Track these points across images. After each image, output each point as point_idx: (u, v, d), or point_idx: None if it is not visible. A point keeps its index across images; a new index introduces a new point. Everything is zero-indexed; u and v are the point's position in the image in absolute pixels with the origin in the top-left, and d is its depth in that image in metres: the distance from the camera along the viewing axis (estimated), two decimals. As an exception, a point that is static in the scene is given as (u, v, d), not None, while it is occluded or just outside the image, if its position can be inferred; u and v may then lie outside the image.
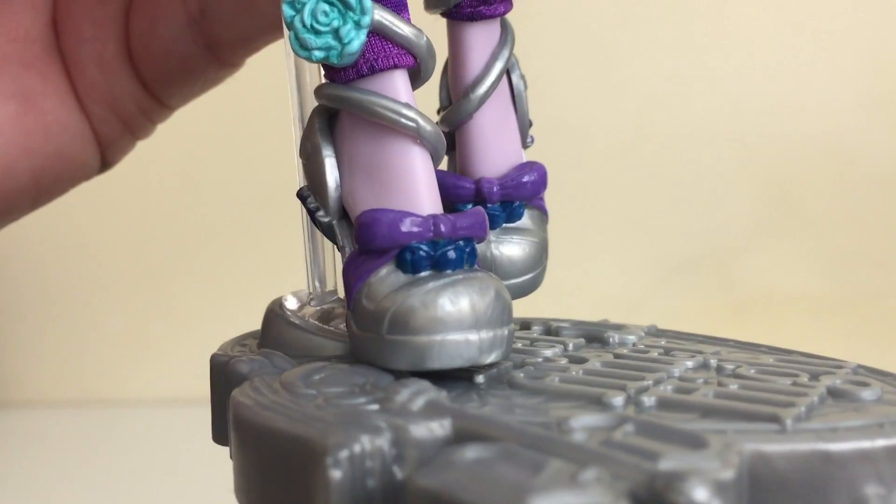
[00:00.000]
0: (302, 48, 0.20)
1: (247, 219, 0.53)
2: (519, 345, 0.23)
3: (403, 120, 0.20)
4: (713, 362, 0.21)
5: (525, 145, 0.26)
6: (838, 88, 0.54)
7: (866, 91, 0.54)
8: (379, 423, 0.17)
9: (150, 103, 0.28)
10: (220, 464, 0.22)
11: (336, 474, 0.15)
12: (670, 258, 0.55)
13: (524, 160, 0.25)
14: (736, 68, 0.54)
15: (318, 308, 0.24)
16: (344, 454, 0.15)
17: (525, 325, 0.26)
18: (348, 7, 0.20)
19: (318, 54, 0.20)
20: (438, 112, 0.25)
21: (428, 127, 0.21)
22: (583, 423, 0.16)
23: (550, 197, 0.25)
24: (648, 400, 0.18)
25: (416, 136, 0.20)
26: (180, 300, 0.55)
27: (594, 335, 0.24)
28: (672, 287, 0.55)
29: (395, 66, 0.21)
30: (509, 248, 0.24)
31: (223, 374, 0.21)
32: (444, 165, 0.26)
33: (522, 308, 0.27)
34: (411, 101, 0.21)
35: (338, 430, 0.16)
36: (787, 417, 0.17)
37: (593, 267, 0.55)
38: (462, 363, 0.19)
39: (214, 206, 0.54)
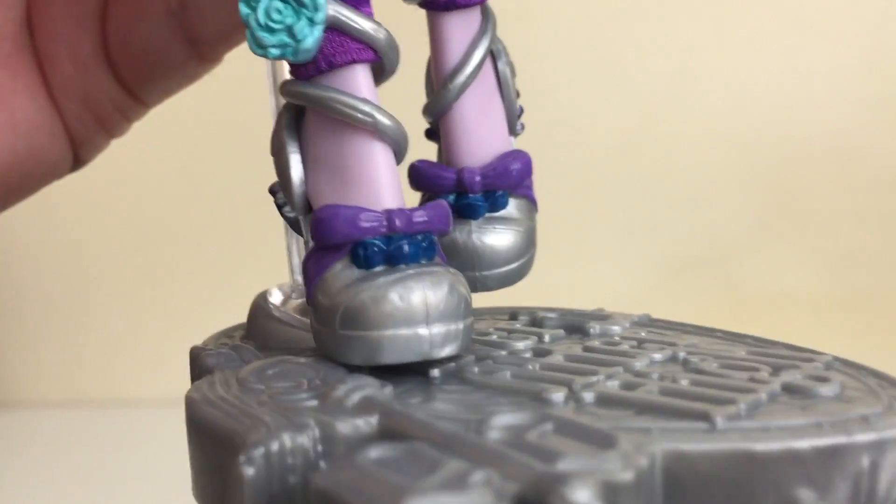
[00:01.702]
0: (258, 46, 0.20)
1: (247, 219, 0.53)
2: (495, 337, 0.23)
3: (359, 115, 0.20)
4: (682, 355, 0.20)
5: (514, 133, 0.26)
6: (838, 88, 0.53)
7: (866, 91, 0.53)
8: (307, 419, 0.17)
9: (127, 100, 0.28)
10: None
11: (249, 471, 0.16)
12: (670, 258, 0.54)
13: (512, 148, 0.25)
14: (736, 68, 0.54)
15: (300, 301, 0.24)
16: (258, 451, 0.16)
17: (513, 315, 0.25)
18: (301, 4, 0.20)
19: (274, 52, 0.20)
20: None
21: (386, 121, 0.21)
22: (502, 421, 0.16)
23: (550, 197, 0.25)
24: (588, 396, 0.18)
25: (374, 130, 0.20)
26: (180, 300, 0.55)
27: (576, 326, 0.23)
28: (672, 287, 0.54)
29: (354, 62, 0.21)
30: (492, 237, 0.24)
31: (195, 367, 0.22)
32: (433, 156, 0.26)
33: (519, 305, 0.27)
34: (372, 95, 0.21)
35: (261, 428, 0.16)
36: (718, 415, 0.16)
37: (593, 267, 0.55)
38: (413, 357, 0.19)
39: (214, 206, 0.54)
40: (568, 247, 0.53)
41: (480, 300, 0.24)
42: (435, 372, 0.20)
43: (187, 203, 0.55)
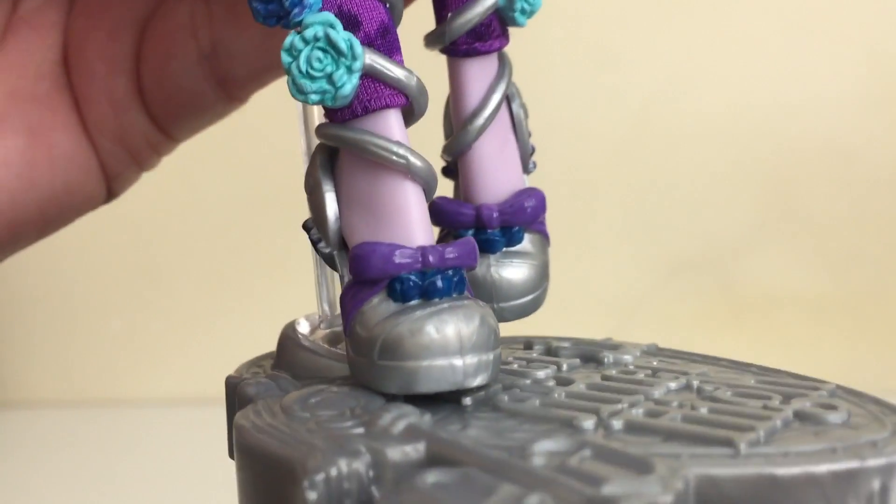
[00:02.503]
0: (299, 92, 0.22)
1: (246, 221, 0.53)
2: (515, 366, 0.24)
3: (394, 157, 0.22)
4: (696, 384, 0.22)
5: (527, 171, 0.27)
6: (838, 88, 0.54)
7: (866, 91, 0.54)
8: (359, 446, 0.18)
9: (159, 137, 0.29)
10: (219, 464, 0.23)
11: (312, 496, 0.17)
12: (670, 259, 0.55)
13: (525, 186, 0.26)
14: (736, 68, 0.54)
15: (328, 331, 0.26)
16: (320, 477, 0.17)
17: (528, 344, 0.27)
18: (340, 53, 0.21)
19: (314, 98, 0.22)
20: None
21: (418, 163, 0.22)
22: (543, 447, 0.17)
23: (550, 197, 0.26)
24: (617, 423, 0.19)
25: (406, 171, 0.22)
26: (180, 301, 0.56)
27: (590, 355, 0.25)
28: (672, 287, 0.55)
29: (388, 106, 0.22)
30: (509, 271, 0.25)
31: (234, 396, 0.23)
32: (450, 192, 0.27)
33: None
34: (403, 138, 0.22)
35: (318, 454, 0.18)
36: (742, 442, 0.17)
37: (593, 267, 0.55)
38: (448, 387, 0.21)
39: (214, 207, 0.55)
40: (568, 247, 0.53)
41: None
42: (467, 400, 0.21)
43: (187, 204, 0.55)
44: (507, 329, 0.26)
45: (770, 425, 0.18)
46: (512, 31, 0.26)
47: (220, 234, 0.56)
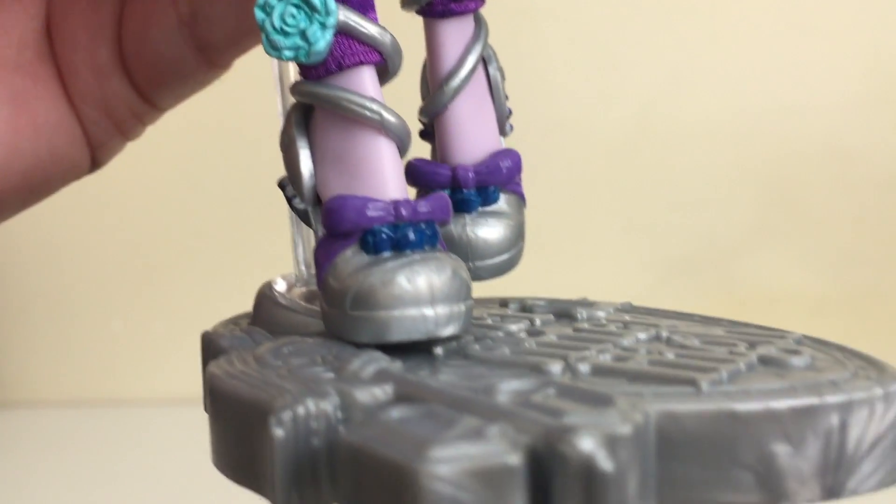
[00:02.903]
0: (272, 48, 0.22)
1: (248, 220, 0.53)
2: (489, 321, 0.24)
3: (368, 113, 0.22)
4: (665, 334, 0.22)
5: (504, 133, 0.27)
6: (838, 88, 0.54)
7: (866, 91, 0.54)
8: (328, 388, 0.18)
9: (142, 106, 0.29)
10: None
11: (279, 433, 0.17)
12: (670, 258, 0.55)
13: (501, 147, 0.27)
14: (736, 68, 0.55)
15: (305, 289, 0.26)
16: (287, 415, 0.17)
17: (503, 303, 0.27)
18: (314, 9, 0.22)
19: (288, 54, 0.22)
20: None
21: (392, 118, 0.22)
22: (509, 386, 0.18)
23: (550, 197, 0.27)
24: (584, 367, 0.19)
25: (380, 127, 0.22)
26: (180, 300, 0.56)
27: (564, 311, 0.25)
28: (672, 287, 0.55)
29: (362, 63, 0.22)
30: (485, 230, 0.26)
31: (209, 350, 0.23)
32: (428, 154, 0.28)
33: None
34: (377, 95, 0.22)
35: (286, 395, 0.18)
36: (704, 381, 0.18)
37: (593, 267, 0.55)
38: (419, 336, 0.21)
39: (214, 206, 0.55)
40: (568, 247, 0.53)
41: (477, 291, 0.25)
42: (438, 350, 0.22)
43: (187, 204, 0.55)
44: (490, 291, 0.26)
45: (734, 367, 0.19)
46: (513, 31, 0.26)
47: (221, 234, 0.56)
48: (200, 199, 0.55)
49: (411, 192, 0.27)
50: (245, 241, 0.55)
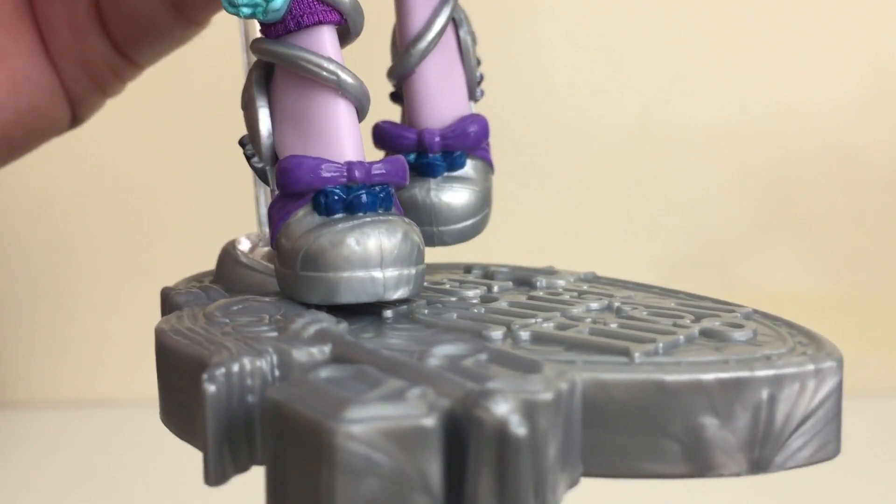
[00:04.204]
0: (230, 5, 0.22)
1: (248, 219, 0.54)
2: (448, 286, 0.24)
3: (325, 73, 0.22)
4: (616, 304, 0.22)
5: (474, 99, 0.27)
6: (838, 88, 0.54)
7: (866, 91, 0.54)
8: (266, 347, 0.18)
9: (120, 62, 0.29)
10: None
11: (211, 388, 0.17)
12: (670, 258, 0.55)
13: (470, 112, 0.27)
14: (737, 68, 0.54)
15: (267, 249, 0.26)
16: (220, 371, 0.17)
17: (467, 269, 0.27)
18: (272, -33, 0.21)
19: (245, 10, 0.22)
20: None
21: (349, 79, 0.22)
22: (442, 351, 0.18)
23: (551, 197, 0.26)
24: (524, 334, 0.19)
25: (337, 88, 0.22)
26: None
27: (524, 279, 0.25)
28: (672, 286, 0.55)
29: (321, 22, 0.22)
30: (449, 195, 0.25)
31: (166, 305, 0.23)
32: (397, 117, 0.28)
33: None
34: (336, 55, 0.22)
35: (223, 351, 0.18)
36: (637, 351, 0.18)
37: (594, 266, 0.55)
38: (368, 298, 0.21)
39: (214, 206, 0.55)
40: (568, 246, 0.54)
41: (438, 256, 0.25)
42: (387, 312, 0.22)
43: (187, 203, 0.55)
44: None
45: (672, 339, 0.19)
46: (513, 32, 0.26)
47: (221, 235, 0.56)
48: (200, 200, 0.55)
49: (379, 155, 0.27)
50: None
